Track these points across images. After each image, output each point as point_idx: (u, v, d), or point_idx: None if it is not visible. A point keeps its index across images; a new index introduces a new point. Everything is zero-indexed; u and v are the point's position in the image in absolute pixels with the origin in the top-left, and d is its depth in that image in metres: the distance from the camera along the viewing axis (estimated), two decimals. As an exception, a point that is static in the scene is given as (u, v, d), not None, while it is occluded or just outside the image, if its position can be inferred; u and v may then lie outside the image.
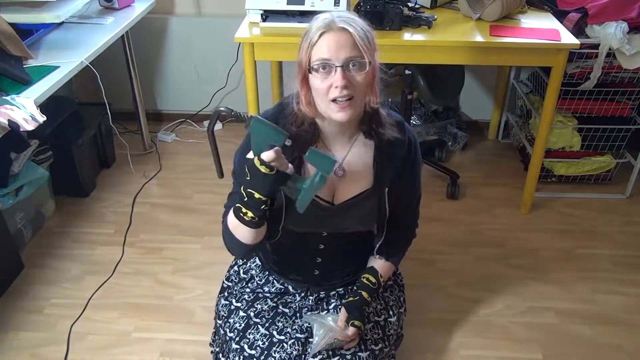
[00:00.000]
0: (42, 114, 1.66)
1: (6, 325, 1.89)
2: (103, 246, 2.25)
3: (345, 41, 1.09)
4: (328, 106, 1.13)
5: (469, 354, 1.80)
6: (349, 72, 1.11)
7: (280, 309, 1.39)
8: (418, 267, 2.13)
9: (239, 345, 1.32)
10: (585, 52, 2.18)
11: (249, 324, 1.35)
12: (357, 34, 1.09)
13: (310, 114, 1.19)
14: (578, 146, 2.48)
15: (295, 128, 1.21)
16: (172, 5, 2.88)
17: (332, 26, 1.09)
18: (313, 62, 1.11)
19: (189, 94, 3.10)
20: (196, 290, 2.05)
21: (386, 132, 1.23)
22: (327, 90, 1.11)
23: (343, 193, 1.27)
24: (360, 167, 1.26)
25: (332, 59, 1.09)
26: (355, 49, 1.09)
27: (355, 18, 1.13)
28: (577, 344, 1.83)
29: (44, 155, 2.36)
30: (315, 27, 1.11)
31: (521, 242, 2.28)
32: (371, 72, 1.14)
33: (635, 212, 2.46)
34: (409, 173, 1.30)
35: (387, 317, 1.40)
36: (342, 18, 1.10)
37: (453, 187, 2.52)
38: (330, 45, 1.09)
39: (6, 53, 1.81)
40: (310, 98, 1.17)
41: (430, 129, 2.79)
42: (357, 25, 1.11)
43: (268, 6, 2.07)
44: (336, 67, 1.09)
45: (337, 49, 1.09)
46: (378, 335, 1.36)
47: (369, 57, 1.11)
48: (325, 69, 1.10)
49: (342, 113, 1.13)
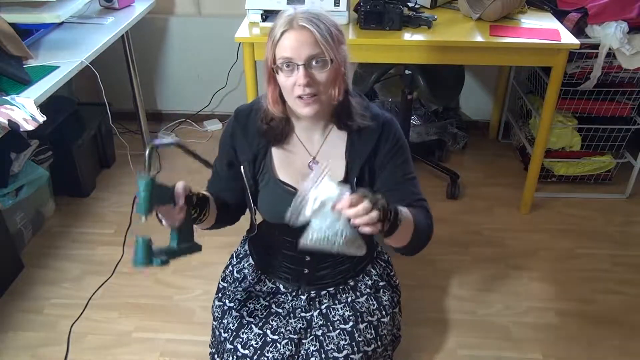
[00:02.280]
0: (42, 114, 1.66)
1: (6, 325, 1.89)
2: (103, 246, 2.25)
3: (307, 39, 1.10)
4: (294, 102, 1.16)
5: (469, 354, 1.80)
6: (311, 69, 1.12)
7: (273, 308, 1.39)
8: (418, 267, 2.13)
9: (233, 345, 1.32)
10: (585, 52, 2.18)
11: (242, 323, 1.35)
12: (318, 32, 1.09)
13: (276, 112, 1.22)
14: (578, 146, 2.48)
15: (265, 125, 1.25)
16: (172, 5, 2.88)
17: (294, 24, 1.10)
18: (277, 60, 1.13)
19: (189, 94, 3.10)
20: (196, 290, 2.05)
21: (355, 122, 1.23)
22: (292, 88, 1.13)
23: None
24: (334, 158, 1.26)
25: (294, 58, 1.10)
26: (317, 46, 1.10)
27: (320, 13, 1.13)
28: (577, 344, 1.83)
29: (44, 155, 2.36)
30: (278, 25, 1.12)
31: (521, 242, 2.28)
32: (334, 68, 1.14)
33: (635, 212, 2.46)
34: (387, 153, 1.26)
35: (380, 317, 1.39)
36: (305, 15, 1.11)
37: (453, 187, 2.52)
38: (292, 44, 1.10)
39: (6, 53, 1.81)
40: (278, 95, 1.19)
41: (430, 129, 2.79)
42: (320, 21, 1.11)
43: (268, 6, 2.07)
44: (298, 66, 1.11)
45: (298, 48, 1.10)
46: (371, 335, 1.35)
47: (332, 54, 1.11)
48: (288, 67, 1.12)
49: (308, 108, 1.15)
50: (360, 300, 1.40)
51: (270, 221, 1.35)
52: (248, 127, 1.27)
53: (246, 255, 1.52)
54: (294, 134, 1.28)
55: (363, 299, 1.40)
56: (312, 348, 1.31)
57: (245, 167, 1.29)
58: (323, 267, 1.40)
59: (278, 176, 1.28)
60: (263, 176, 1.30)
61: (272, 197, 1.30)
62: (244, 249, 1.53)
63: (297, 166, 1.28)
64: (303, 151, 1.28)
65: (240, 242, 1.58)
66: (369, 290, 1.42)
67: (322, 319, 1.37)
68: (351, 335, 1.32)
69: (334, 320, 1.36)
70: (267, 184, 1.29)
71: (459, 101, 3.04)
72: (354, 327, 1.34)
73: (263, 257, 1.46)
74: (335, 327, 1.34)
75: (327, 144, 1.27)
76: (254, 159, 1.28)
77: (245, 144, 1.28)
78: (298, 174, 1.28)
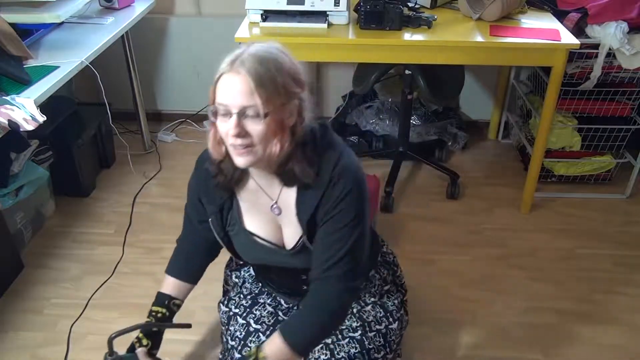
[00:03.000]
0: (42, 114, 1.66)
1: (6, 325, 1.89)
2: (103, 246, 2.25)
3: (243, 88, 0.99)
4: (230, 149, 1.07)
5: (469, 354, 1.79)
6: (245, 119, 1.02)
7: (280, 315, 1.38)
8: (418, 267, 2.13)
9: (241, 354, 1.30)
10: (585, 52, 2.18)
11: (249, 331, 1.34)
12: (257, 82, 0.99)
13: (215, 155, 1.13)
14: (578, 146, 2.48)
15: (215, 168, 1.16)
16: (172, 5, 2.88)
17: (234, 67, 1.01)
18: (215, 104, 1.04)
19: (189, 94, 3.10)
20: (196, 290, 2.03)
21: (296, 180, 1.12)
22: (226, 135, 1.04)
23: (288, 238, 1.22)
24: (291, 210, 1.18)
25: (228, 105, 1.01)
26: (253, 98, 0.99)
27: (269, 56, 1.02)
28: (577, 344, 1.83)
29: (44, 155, 2.36)
30: (222, 64, 1.03)
31: (521, 242, 2.28)
32: (273, 122, 1.02)
33: (635, 212, 2.46)
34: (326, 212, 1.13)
35: (387, 324, 1.37)
36: (250, 59, 1.00)
37: (453, 187, 2.52)
38: (227, 89, 1.01)
39: (6, 53, 1.81)
40: (219, 138, 1.09)
41: (430, 129, 2.79)
42: (265, 67, 1.00)
43: (268, 6, 2.07)
44: (232, 114, 1.01)
45: (233, 95, 1.00)
46: (379, 343, 1.33)
47: (269, 107, 1.00)
48: (224, 113, 1.03)
49: (241, 159, 1.05)
50: (366, 309, 1.37)
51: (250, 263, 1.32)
52: (209, 178, 1.19)
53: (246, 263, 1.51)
54: (252, 179, 1.19)
55: (369, 307, 1.38)
56: (323, 357, 1.29)
57: (213, 220, 1.24)
58: None
59: (246, 227, 1.23)
60: (233, 227, 1.25)
61: (245, 246, 1.26)
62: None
63: (262, 213, 1.21)
64: (265, 196, 1.20)
65: None
66: (373, 299, 1.39)
67: None
68: (361, 344, 1.30)
69: (342, 329, 1.33)
70: (238, 234, 1.25)
71: (459, 101, 3.04)
72: (363, 336, 1.32)
73: (260, 273, 1.44)
74: (344, 335, 1.32)
75: (285, 191, 1.18)
76: (220, 210, 1.23)
77: (209, 196, 1.22)
78: (265, 220, 1.22)
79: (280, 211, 1.20)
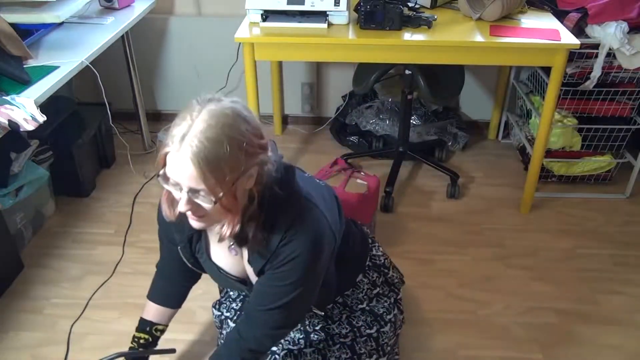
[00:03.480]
0: (42, 114, 1.66)
1: (6, 325, 1.89)
2: (103, 246, 2.25)
3: (191, 172, 0.95)
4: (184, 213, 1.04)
5: (469, 354, 1.79)
6: (196, 198, 0.99)
7: None
8: (418, 267, 2.13)
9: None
10: (585, 52, 2.18)
11: None
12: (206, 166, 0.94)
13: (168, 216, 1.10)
14: (578, 146, 2.48)
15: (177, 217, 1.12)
16: (172, 5, 2.88)
17: (182, 146, 0.95)
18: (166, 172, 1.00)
19: (189, 94, 3.05)
20: (196, 290, 2.03)
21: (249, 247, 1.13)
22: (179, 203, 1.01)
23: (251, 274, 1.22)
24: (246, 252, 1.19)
25: (179, 182, 0.98)
26: (202, 182, 0.96)
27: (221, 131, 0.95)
28: (577, 344, 1.83)
29: (44, 155, 2.36)
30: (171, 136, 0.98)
31: (521, 242, 2.28)
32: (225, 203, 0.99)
33: (635, 212, 2.46)
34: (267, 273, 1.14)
35: (379, 327, 1.36)
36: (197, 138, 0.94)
37: (453, 187, 2.52)
38: (176, 169, 0.97)
39: (6, 53, 1.81)
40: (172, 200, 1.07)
41: (430, 129, 2.79)
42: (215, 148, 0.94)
43: (268, 6, 2.07)
44: (182, 190, 0.99)
45: (182, 177, 0.97)
46: (371, 347, 1.33)
47: (219, 190, 0.97)
48: (174, 185, 1.01)
49: (195, 223, 1.06)
50: (356, 315, 1.37)
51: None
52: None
53: None
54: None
55: (358, 313, 1.37)
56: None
57: (182, 248, 1.27)
58: None
59: (212, 259, 1.26)
60: (201, 255, 1.28)
61: (213, 274, 1.29)
62: None
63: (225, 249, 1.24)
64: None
65: None
66: (361, 305, 1.38)
67: (322, 333, 1.34)
68: (352, 349, 1.30)
69: (333, 334, 1.33)
70: (206, 263, 1.28)
71: (459, 101, 3.04)
72: (354, 341, 1.32)
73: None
74: (335, 341, 1.32)
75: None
76: (189, 241, 1.25)
77: (178, 226, 1.22)
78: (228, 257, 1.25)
79: (237, 253, 1.22)
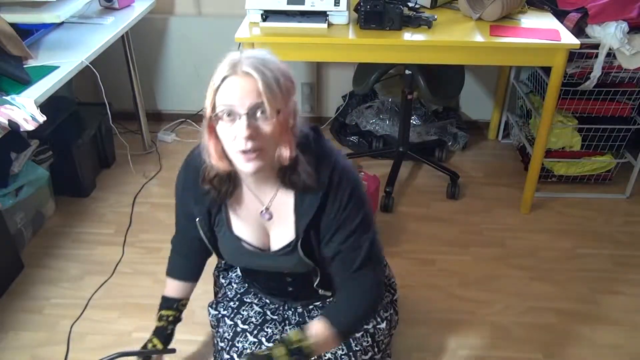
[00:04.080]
0: (42, 114, 1.66)
1: (6, 325, 1.89)
2: (103, 246, 2.25)
3: (251, 87, 0.99)
4: (235, 157, 1.04)
5: (469, 354, 1.80)
6: (255, 120, 1.00)
7: (268, 315, 1.37)
8: (418, 267, 2.13)
9: (229, 355, 1.31)
10: (585, 52, 2.18)
11: (237, 331, 1.34)
12: (264, 80, 0.99)
13: (221, 167, 1.10)
14: (578, 146, 2.48)
15: (207, 184, 1.15)
16: (172, 5, 2.88)
17: (237, 70, 1.00)
18: (217, 108, 1.01)
19: (189, 94, 3.10)
20: (196, 290, 2.03)
21: (300, 182, 1.11)
22: (233, 140, 1.02)
23: (275, 241, 1.22)
24: (284, 214, 1.18)
25: (236, 106, 0.99)
26: (262, 95, 0.99)
27: (269, 60, 1.02)
28: (577, 344, 1.83)
29: (44, 155, 2.36)
30: (219, 70, 1.02)
31: (521, 242, 2.28)
32: (281, 121, 1.02)
33: (635, 212, 2.46)
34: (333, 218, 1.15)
35: (375, 324, 1.36)
36: (250, 61, 1.00)
37: (453, 187, 2.52)
38: (234, 91, 0.99)
39: (6, 53, 1.81)
40: (221, 150, 1.07)
41: (430, 129, 2.79)
42: (267, 68, 1.00)
43: (268, 6, 2.07)
44: (241, 115, 0.99)
45: (240, 96, 0.99)
46: (367, 343, 1.33)
47: (277, 105, 1.00)
48: (230, 116, 1.01)
49: (250, 165, 1.03)
50: None
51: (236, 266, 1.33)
52: (197, 180, 1.17)
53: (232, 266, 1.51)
54: (245, 186, 1.19)
55: None
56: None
57: (201, 221, 1.24)
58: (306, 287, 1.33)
59: (233, 231, 1.23)
60: (220, 229, 1.24)
61: (230, 249, 1.26)
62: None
63: (250, 218, 1.21)
64: (255, 202, 1.19)
65: None
66: None
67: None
68: (348, 346, 1.30)
69: None
70: (224, 237, 1.24)
71: (459, 101, 3.04)
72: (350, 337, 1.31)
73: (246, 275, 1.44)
74: None
75: (279, 196, 1.18)
76: (208, 212, 1.22)
77: (198, 198, 1.21)
78: (252, 225, 1.22)
79: (271, 216, 1.19)
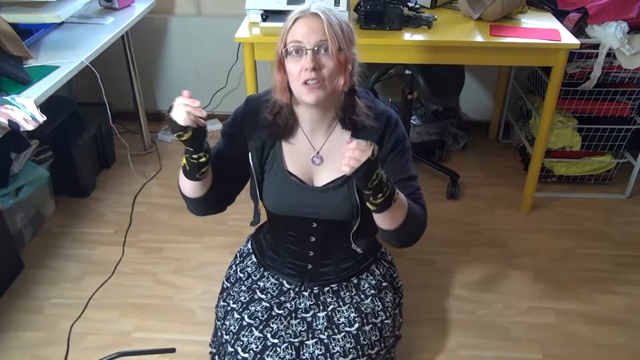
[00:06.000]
0: (42, 114, 1.66)
1: (6, 325, 1.89)
2: (103, 246, 2.25)
3: (317, 26, 1.15)
4: (300, 89, 1.17)
5: (469, 354, 1.80)
6: (319, 55, 1.15)
7: (275, 310, 1.39)
8: (418, 267, 2.13)
9: (234, 348, 1.32)
10: (585, 52, 2.18)
11: (243, 325, 1.35)
12: (329, 21, 1.14)
13: (283, 99, 1.24)
14: (578, 146, 2.48)
15: (271, 116, 1.27)
16: (172, 5, 2.88)
17: (306, 12, 1.16)
18: (287, 45, 1.17)
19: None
20: (196, 290, 2.05)
21: (359, 120, 1.25)
22: (299, 73, 1.16)
23: (320, 179, 1.31)
24: (337, 154, 1.26)
25: (303, 42, 1.15)
26: (327, 35, 1.14)
27: (334, 10, 1.18)
28: (577, 344, 1.83)
29: (44, 155, 2.36)
30: (292, 15, 1.18)
31: (521, 242, 2.28)
32: (342, 58, 1.17)
33: (635, 212, 2.46)
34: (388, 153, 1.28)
35: (383, 319, 1.40)
36: (318, 5, 1.17)
37: (453, 187, 2.52)
38: (302, 30, 1.15)
39: (6, 53, 1.81)
40: (286, 84, 1.21)
41: (430, 129, 2.79)
42: (333, 14, 1.16)
43: (268, 6, 2.07)
44: (307, 50, 1.15)
45: (308, 33, 1.15)
46: (375, 337, 1.36)
47: (340, 43, 1.15)
48: (297, 52, 1.16)
49: (312, 95, 1.16)
50: (365, 302, 1.40)
51: (274, 212, 1.35)
52: (258, 115, 1.29)
53: (249, 253, 1.52)
54: (299, 127, 1.29)
55: (368, 301, 1.41)
56: (318, 352, 1.31)
57: (253, 155, 1.30)
58: (326, 263, 1.41)
59: (287, 167, 1.30)
60: (271, 165, 1.31)
61: (278, 187, 1.31)
62: (247, 248, 1.54)
63: (302, 160, 1.30)
64: (308, 146, 1.29)
65: (245, 241, 1.58)
66: (373, 292, 1.42)
67: (327, 322, 1.36)
68: (356, 339, 1.32)
69: (339, 323, 1.36)
70: (275, 174, 1.31)
71: (459, 101, 3.04)
72: (359, 330, 1.34)
73: (266, 253, 1.47)
74: (340, 329, 1.34)
75: (330, 141, 1.29)
76: (262, 146, 1.30)
77: (254, 131, 1.30)
78: (303, 167, 1.30)
79: (322, 161, 1.30)
